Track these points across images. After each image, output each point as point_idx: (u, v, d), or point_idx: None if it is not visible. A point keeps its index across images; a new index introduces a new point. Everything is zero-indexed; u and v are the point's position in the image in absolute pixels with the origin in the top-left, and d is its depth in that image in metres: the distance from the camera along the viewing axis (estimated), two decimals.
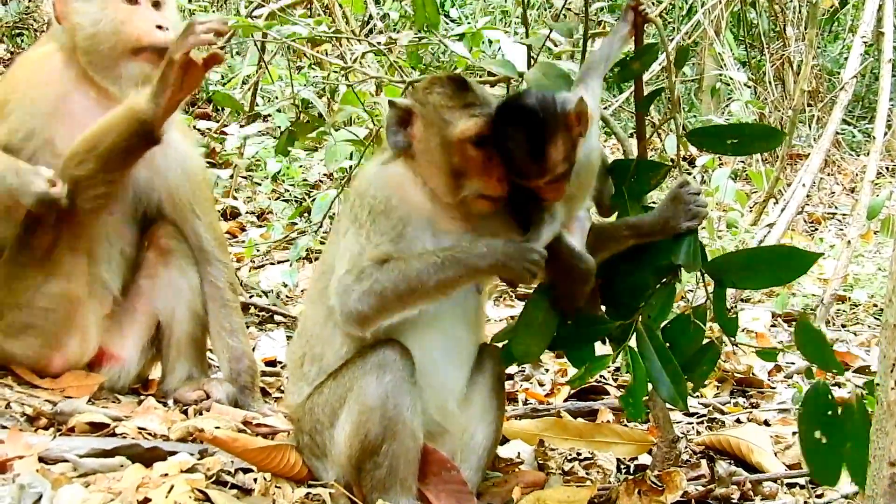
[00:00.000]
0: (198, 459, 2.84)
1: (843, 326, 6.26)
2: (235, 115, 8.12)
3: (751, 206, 8.91)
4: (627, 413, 2.78)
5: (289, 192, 7.71)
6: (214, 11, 9.04)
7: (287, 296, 5.76)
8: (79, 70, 3.56)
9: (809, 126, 11.35)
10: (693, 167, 8.71)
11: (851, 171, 11.23)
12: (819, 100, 11.40)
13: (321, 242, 5.70)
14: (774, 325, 6.00)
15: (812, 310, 6.30)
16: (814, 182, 7.62)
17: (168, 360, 3.78)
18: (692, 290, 4.47)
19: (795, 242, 8.06)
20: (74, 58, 3.55)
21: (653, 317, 2.78)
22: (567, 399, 4.17)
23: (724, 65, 10.61)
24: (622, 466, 3.41)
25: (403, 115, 2.78)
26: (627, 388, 2.75)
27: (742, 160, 10.03)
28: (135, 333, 3.76)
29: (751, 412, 4.16)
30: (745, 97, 9.63)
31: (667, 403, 2.96)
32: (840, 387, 3.93)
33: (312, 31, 4.63)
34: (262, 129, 7.54)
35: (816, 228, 9.77)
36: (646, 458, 3.37)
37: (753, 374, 4.72)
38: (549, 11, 10.95)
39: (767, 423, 3.95)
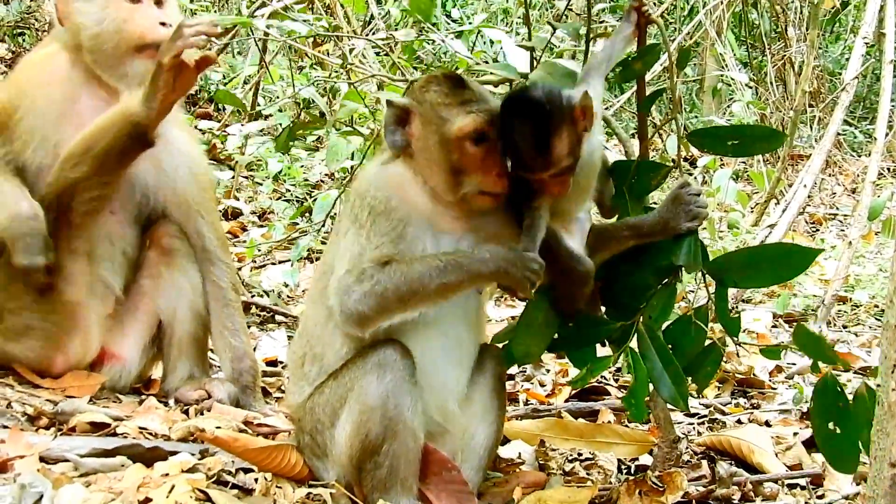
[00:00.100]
0: (199, 459, 2.84)
1: (845, 327, 6.26)
2: (237, 115, 8.12)
3: (752, 207, 8.92)
4: (629, 414, 2.79)
5: (290, 192, 7.71)
6: (216, 11, 9.05)
7: (288, 296, 5.76)
8: (85, 70, 3.55)
9: (811, 127, 11.35)
10: (694, 168, 8.71)
11: (853, 172, 11.23)
12: (820, 100, 11.40)
13: (322, 242, 5.69)
14: (776, 326, 6.00)
15: (813, 310, 6.30)
16: (815, 183, 7.61)
17: (169, 360, 3.78)
18: (693, 291, 4.47)
19: (797, 243, 8.05)
20: (80, 58, 3.54)
21: (654, 317, 2.78)
22: (568, 399, 4.18)
23: (726, 65, 10.61)
24: (623, 467, 3.41)
25: (401, 114, 2.78)
26: (629, 389, 2.75)
27: (743, 161, 10.03)
28: (136, 333, 3.76)
29: (752, 413, 4.16)
30: (747, 98, 9.64)
31: (668, 404, 2.96)
32: (843, 387, 3.93)
33: (312, 29, 4.62)
34: (264, 129, 7.54)
35: (818, 229, 9.77)
36: (647, 459, 3.37)
37: (754, 375, 4.72)
38: (551, 11, 10.95)
39: (768, 424, 3.95)
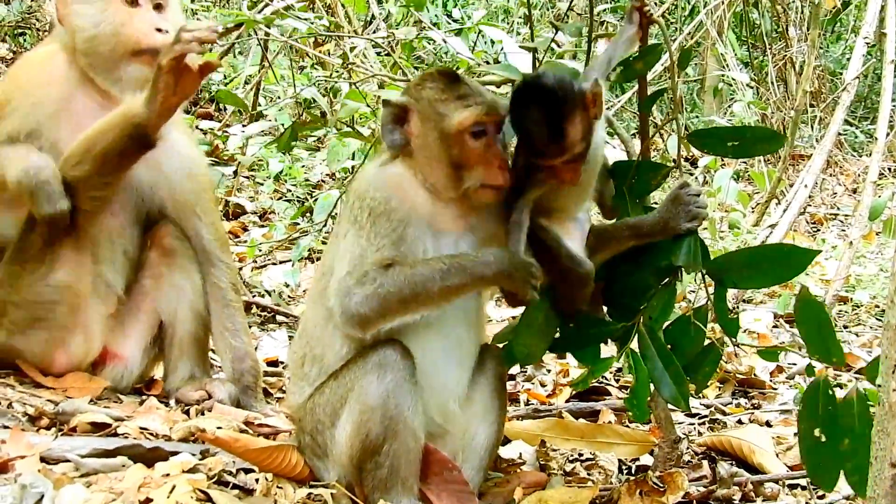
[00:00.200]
0: (199, 459, 2.83)
1: (846, 327, 6.26)
2: (238, 115, 8.12)
3: (753, 207, 8.91)
4: (631, 414, 2.78)
5: (291, 192, 7.71)
6: (217, 11, 9.05)
7: (289, 296, 5.76)
8: (81, 71, 3.56)
9: (812, 127, 11.35)
10: (695, 168, 8.71)
11: (853, 172, 11.23)
12: (821, 100, 11.40)
13: (323, 242, 5.69)
14: (776, 326, 6.00)
15: None
16: (816, 183, 7.61)
17: (170, 360, 3.78)
18: (693, 291, 4.47)
19: (797, 243, 8.05)
20: (77, 58, 3.55)
21: (654, 318, 2.78)
22: (569, 400, 4.17)
23: (727, 65, 10.61)
24: (624, 467, 3.41)
25: (399, 113, 2.78)
26: (630, 390, 2.75)
27: (744, 161, 10.02)
28: (137, 333, 3.76)
29: (752, 413, 4.16)
30: (748, 98, 9.64)
31: (669, 404, 2.96)
32: (842, 387, 3.93)
33: (312, 27, 4.62)
34: (265, 129, 7.55)
35: (818, 229, 9.77)
36: (647, 459, 3.37)
37: (755, 375, 4.72)
38: (552, 11, 10.95)
39: (769, 424, 3.95)
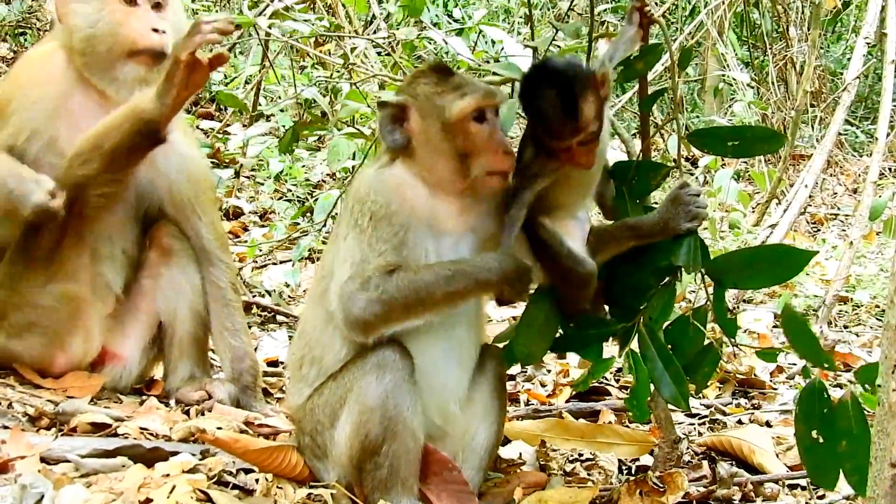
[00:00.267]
0: (199, 460, 2.83)
1: (846, 327, 6.26)
2: (238, 115, 8.12)
3: (753, 207, 8.91)
4: (632, 415, 2.78)
5: (291, 192, 7.71)
6: (217, 10, 9.05)
7: (289, 296, 5.76)
8: (79, 69, 3.55)
9: (812, 127, 11.35)
10: (696, 168, 8.71)
11: (854, 172, 11.23)
12: (822, 100, 11.40)
13: (323, 242, 5.69)
14: (777, 327, 5.99)
15: (814, 311, 6.30)
16: (816, 183, 7.61)
17: (170, 360, 3.78)
18: (694, 291, 4.47)
19: (798, 243, 8.06)
20: (74, 58, 3.55)
21: (654, 318, 2.78)
22: (569, 400, 4.17)
23: (727, 65, 10.61)
24: (624, 467, 3.41)
25: (397, 113, 2.78)
26: (630, 390, 2.75)
27: (745, 161, 10.02)
28: (137, 333, 3.76)
29: (752, 413, 4.15)
30: (748, 98, 9.63)
31: (669, 404, 2.96)
32: (842, 387, 3.93)
33: (313, 28, 4.62)
34: (266, 130, 7.56)
35: (819, 229, 9.77)
36: (647, 459, 3.37)
37: (755, 376, 4.72)
38: (552, 11, 10.95)
39: (769, 425, 3.95)
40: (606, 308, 2.94)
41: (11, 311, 3.59)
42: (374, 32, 8.62)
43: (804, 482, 3.22)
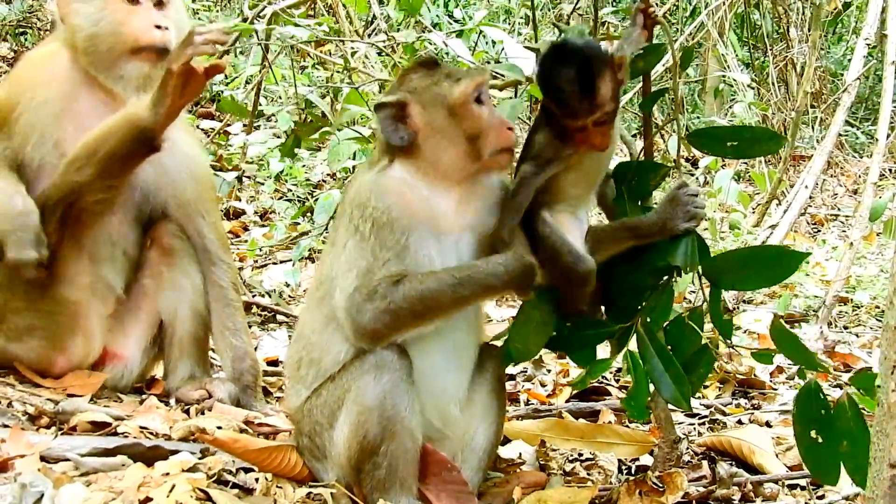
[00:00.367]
0: (199, 459, 2.84)
1: (846, 328, 6.26)
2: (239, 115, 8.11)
3: (754, 208, 8.92)
4: (630, 414, 2.78)
5: (292, 192, 7.72)
6: (217, 11, 9.06)
7: (290, 295, 5.77)
8: (84, 69, 3.55)
9: (812, 127, 11.35)
10: (696, 168, 8.71)
11: (854, 173, 11.23)
12: (822, 101, 11.40)
13: (323, 242, 5.70)
14: None
15: (814, 311, 6.30)
16: (816, 184, 7.62)
17: (170, 360, 3.78)
18: (694, 292, 4.48)
19: (798, 244, 8.07)
20: (78, 57, 3.55)
21: (652, 318, 2.78)
22: (568, 400, 4.17)
23: (728, 66, 10.61)
24: (623, 467, 3.41)
25: (397, 111, 2.77)
26: (629, 390, 2.75)
27: (745, 161, 10.03)
28: (137, 333, 3.76)
29: (752, 413, 4.15)
30: (749, 98, 9.64)
31: (670, 404, 2.96)
32: (842, 387, 3.93)
33: (313, 33, 4.62)
34: (268, 136, 7.56)
35: (819, 230, 9.78)
36: (647, 459, 3.37)
37: (755, 376, 4.72)
38: (553, 12, 10.95)
39: (769, 425, 3.95)
40: (602, 309, 2.94)
41: (11, 315, 3.59)
42: (375, 33, 8.62)
43: (804, 482, 3.21)
